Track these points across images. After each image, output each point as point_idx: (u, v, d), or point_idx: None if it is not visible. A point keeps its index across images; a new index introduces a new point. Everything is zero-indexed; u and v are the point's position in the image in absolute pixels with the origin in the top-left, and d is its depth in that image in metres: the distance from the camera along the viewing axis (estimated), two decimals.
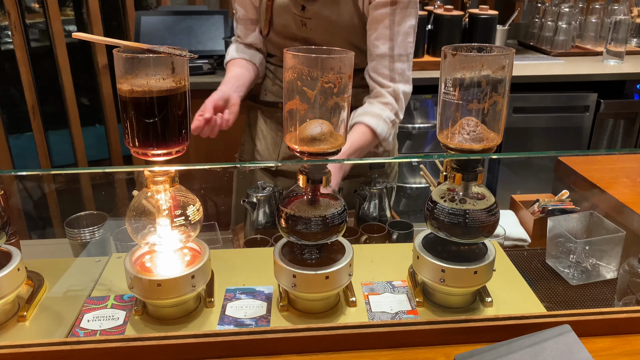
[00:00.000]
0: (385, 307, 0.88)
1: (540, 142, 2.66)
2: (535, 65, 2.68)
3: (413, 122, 2.54)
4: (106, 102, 3.01)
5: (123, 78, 0.73)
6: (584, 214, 1.20)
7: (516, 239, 1.28)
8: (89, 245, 1.12)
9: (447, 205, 0.81)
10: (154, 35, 2.65)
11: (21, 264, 0.84)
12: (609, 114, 2.63)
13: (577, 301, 1.05)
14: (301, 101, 0.75)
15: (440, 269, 0.83)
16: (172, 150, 0.77)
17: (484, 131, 0.78)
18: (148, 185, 0.79)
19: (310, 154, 0.77)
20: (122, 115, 0.75)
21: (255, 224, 1.24)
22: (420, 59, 2.59)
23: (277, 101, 1.51)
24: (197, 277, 0.82)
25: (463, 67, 0.75)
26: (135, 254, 0.86)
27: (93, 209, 1.23)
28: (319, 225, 0.79)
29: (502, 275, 0.96)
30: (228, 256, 1.05)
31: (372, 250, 1.06)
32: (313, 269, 0.81)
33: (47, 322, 0.85)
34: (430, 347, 0.76)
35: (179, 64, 0.74)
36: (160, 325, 0.84)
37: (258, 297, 0.91)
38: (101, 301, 0.89)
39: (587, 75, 2.53)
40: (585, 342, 0.73)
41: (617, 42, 2.69)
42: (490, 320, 0.77)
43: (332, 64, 0.73)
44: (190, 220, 0.82)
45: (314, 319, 0.86)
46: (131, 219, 0.81)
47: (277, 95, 1.52)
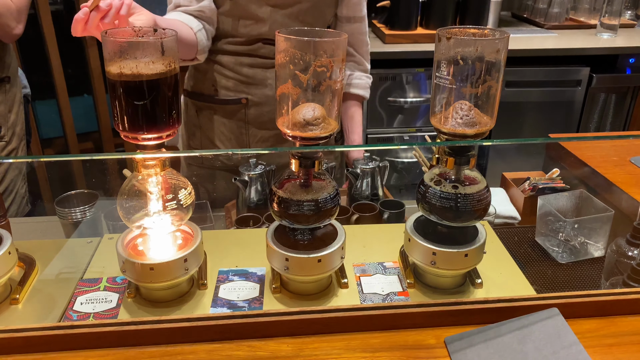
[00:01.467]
0: (376, 289, 0.89)
1: (532, 116, 2.67)
2: (528, 39, 2.65)
3: (405, 97, 2.52)
4: (94, 73, 2.96)
5: (112, 61, 0.71)
6: (573, 192, 1.21)
7: (506, 217, 1.29)
8: (81, 225, 1.12)
9: (439, 189, 0.81)
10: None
11: (12, 247, 0.84)
12: (601, 88, 2.63)
13: (565, 281, 1.06)
14: (293, 85, 0.74)
15: (431, 251, 0.84)
16: (163, 134, 0.76)
17: (477, 115, 0.78)
18: (139, 169, 0.78)
19: (302, 138, 0.76)
20: (112, 98, 0.74)
21: (247, 201, 1.24)
22: (413, 32, 2.56)
23: (239, 97, 1.39)
24: (189, 261, 0.83)
25: (457, 51, 0.74)
26: (127, 237, 0.86)
27: (84, 187, 1.22)
28: (311, 209, 0.79)
29: (492, 256, 0.97)
30: (220, 237, 1.05)
31: (364, 231, 1.07)
32: (305, 252, 0.81)
33: (40, 305, 0.85)
34: (420, 329, 0.78)
35: (169, 47, 0.73)
36: (154, 307, 0.85)
37: (251, 279, 0.91)
38: (94, 283, 0.90)
39: (580, 49, 2.51)
40: (572, 324, 0.75)
41: (611, 14, 2.67)
42: (480, 302, 0.78)
43: (325, 47, 0.72)
44: (182, 203, 0.82)
45: (306, 300, 0.86)
46: (122, 203, 0.81)
47: (236, 90, 1.39)
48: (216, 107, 1.43)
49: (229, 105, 1.41)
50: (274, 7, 1.30)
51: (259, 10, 1.29)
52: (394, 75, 2.47)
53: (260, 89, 1.39)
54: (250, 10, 1.29)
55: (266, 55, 1.36)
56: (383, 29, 2.59)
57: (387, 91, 2.51)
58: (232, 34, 1.34)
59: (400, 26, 2.55)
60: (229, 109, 1.42)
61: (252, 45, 1.35)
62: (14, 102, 1.52)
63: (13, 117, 1.52)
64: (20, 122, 1.56)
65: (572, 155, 1.38)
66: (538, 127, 2.70)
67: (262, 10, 1.29)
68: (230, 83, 1.39)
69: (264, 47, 1.35)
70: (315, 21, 1.36)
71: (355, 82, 1.51)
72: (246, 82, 1.38)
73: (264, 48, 1.35)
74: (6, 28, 1.38)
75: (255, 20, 1.30)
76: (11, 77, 1.51)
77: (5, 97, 1.49)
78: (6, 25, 1.37)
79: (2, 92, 1.48)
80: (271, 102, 1.40)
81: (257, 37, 1.33)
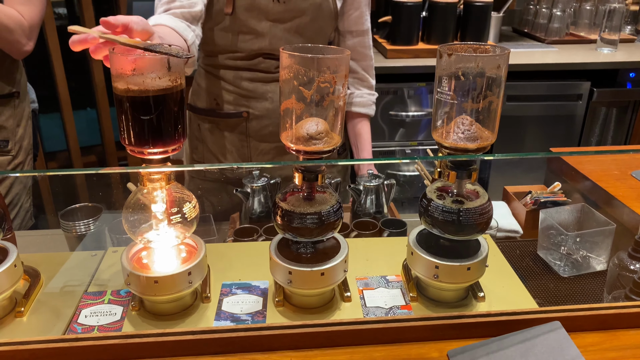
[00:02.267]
0: (379, 302, 0.90)
1: (533, 130, 2.68)
2: (529, 53, 2.68)
3: (407, 110, 2.54)
4: (98, 87, 2.99)
5: (118, 77, 0.72)
6: (575, 206, 1.22)
7: (508, 231, 1.30)
8: (85, 238, 1.13)
9: (441, 203, 0.82)
10: None
11: (18, 260, 0.84)
12: (602, 102, 2.64)
13: (567, 295, 1.06)
14: (297, 100, 0.75)
15: (434, 265, 0.84)
16: (169, 149, 0.77)
17: (479, 130, 0.79)
18: (144, 183, 0.79)
19: (306, 152, 0.77)
20: (118, 113, 0.75)
21: (249, 213, 1.24)
22: (415, 47, 2.58)
23: (240, 111, 1.40)
24: (193, 274, 0.83)
25: (458, 67, 0.75)
26: (131, 250, 0.87)
27: (88, 200, 1.23)
28: (314, 222, 0.80)
29: (494, 270, 0.97)
30: (224, 250, 1.06)
31: (367, 245, 1.07)
32: (309, 265, 0.82)
33: (44, 318, 0.85)
34: (423, 343, 0.78)
35: (175, 63, 0.74)
36: (158, 320, 0.85)
37: (254, 292, 0.92)
38: (98, 296, 0.90)
39: (580, 64, 2.53)
40: (574, 338, 0.75)
41: (611, 29, 2.69)
42: (483, 316, 0.79)
43: (329, 64, 0.73)
44: (187, 217, 0.82)
45: (309, 314, 0.87)
46: (127, 216, 0.82)
47: (237, 103, 1.40)
48: (218, 121, 1.44)
49: (230, 118, 1.42)
50: (273, 22, 1.31)
51: (259, 25, 1.30)
52: (396, 90, 2.49)
53: (260, 103, 1.40)
54: (249, 25, 1.30)
55: (266, 69, 1.37)
56: (385, 44, 2.61)
57: (388, 105, 2.52)
58: (232, 49, 1.35)
59: (401, 41, 2.58)
60: (230, 123, 1.43)
61: (252, 60, 1.36)
62: (22, 116, 1.54)
63: (21, 132, 1.53)
64: (27, 136, 1.57)
65: (573, 169, 1.39)
66: (539, 141, 2.71)
67: (262, 25, 1.31)
68: (231, 97, 1.40)
69: (264, 62, 1.36)
70: (316, 35, 1.37)
71: (356, 100, 1.51)
72: (247, 95, 1.40)
73: (265, 62, 1.36)
74: (17, 45, 1.39)
75: (255, 35, 1.31)
76: (21, 92, 1.53)
77: (14, 112, 1.50)
78: (17, 42, 1.38)
79: (12, 106, 1.50)
80: (272, 116, 1.41)
81: (258, 51, 1.34)
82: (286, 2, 1.29)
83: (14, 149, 1.51)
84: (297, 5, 1.29)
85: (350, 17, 1.40)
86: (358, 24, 1.42)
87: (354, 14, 1.40)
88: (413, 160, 2.60)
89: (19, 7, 1.37)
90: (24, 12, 1.38)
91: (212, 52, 1.38)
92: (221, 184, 1.50)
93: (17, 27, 1.36)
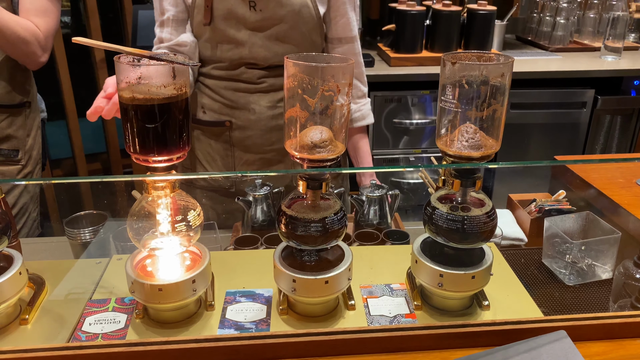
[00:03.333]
0: (383, 311, 0.89)
1: (538, 137, 2.68)
2: (533, 61, 2.68)
3: (410, 118, 2.54)
4: None
5: (124, 85, 0.73)
6: (580, 214, 1.21)
7: (513, 239, 1.29)
8: (90, 246, 1.13)
9: (446, 211, 0.82)
10: (151, 29, 2.63)
11: (23, 268, 0.85)
12: (606, 110, 2.64)
13: (573, 303, 1.06)
14: (301, 108, 0.76)
15: (438, 273, 0.84)
16: (173, 157, 0.77)
17: (483, 138, 0.79)
18: (149, 190, 0.80)
19: (310, 160, 0.77)
20: (123, 121, 0.76)
21: (251, 222, 1.24)
22: (419, 55, 2.59)
23: (223, 120, 1.41)
24: (197, 282, 0.83)
25: (462, 75, 0.76)
26: (136, 258, 0.87)
27: (93, 208, 1.24)
28: (318, 230, 0.80)
29: (499, 278, 0.97)
30: (228, 258, 1.06)
31: (371, 253, 1.07)
32: (313, 273, 0.82)
33: (49, 325, 0.85)
34: (428, 352, 0.77)
35: (180, 71, 0.74)
36: (162, 328, 0.85)
37: (258, 300, 0.91)
38: (102, 304, 0.90)
39: (584, 71, 2.53)
40: (580, 347, 0.74)
41: (615, 37, 2.70)
42: (487, 325, 0.78)
43: (333, 72, 0.74)
44: (191, 225, 0.82)
45: (313, 322, 0.87)
46: (132, 224, 0.82)
47: (221, 112, 1.42)
48: (203, 128, 1.46)
49: (214, 127, 1.44)
50: (252, 30, 1.31)
51: (238, 35, 1.31)
52: (400, 97, 2.50)
53: (243, 113, 1.40)
54: (228, 34, 1.31)
55: (249, 80, 1.37)
56: (388, 52, 2.62)
57: (392, 113, 2.53)
58: (215, 59, 1.36)
59: (405, 49, 2.59)
60: (215, 131, 1.44)
61: (235, 70, 1.36)
62: (32, 126, 1.56)
63: (30, 142, 1.55)
64: (37, 146, 1.58)
65: (578, 177, 1.39)
66: (544, 148, 2.70)
67: (241, 34, 1.31)
68: (216, 105, 1.42)
69: (247, 72, 1.36)
70: (301, 42, 1.35)
71: (355, 116, 1.49)
72: (230, 105, 1.40)
73: (247, 73, 1.36)
74: (33, 56, 1.41)
75: (235, 44, 1.32)
76: (32, 102, 1.54)
77: (24, 122, 1.52)
78: (33, 53, 1.40)
79: (23, 116, 1.51)
80: (254, 127, 1.40)
81: (239, 61, 1.35)
82: (263, 10, 1.28)
83: (23, 158, 1.52)
84: (274, 12, 1.29)
85: (338, 24, 1.39)
86: (346, 30, 1.40)
87: (341, 21, 1.38)
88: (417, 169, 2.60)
89: (34, 18, 1.39)
90: (40, 24, 1.40)
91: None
92: (224, 192, 1.50)
93: (33, 38, 1.37)
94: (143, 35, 2.63)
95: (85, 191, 1.76)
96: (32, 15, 1.38)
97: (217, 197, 1.50)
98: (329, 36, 1.42)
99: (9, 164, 1.49)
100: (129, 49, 0.75)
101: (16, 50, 1.38)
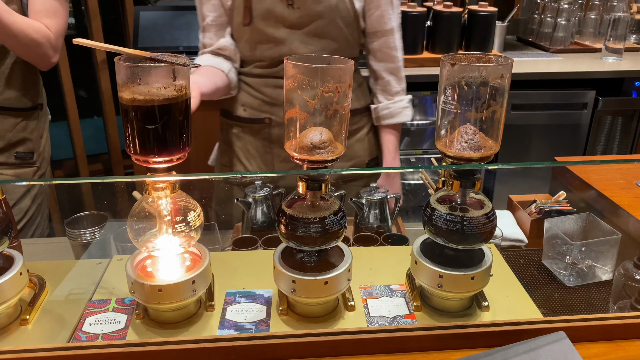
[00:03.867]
0: (383, 311, 0.89)
1: (539, 139, 2.67)
2: (534, 62, 2.68)
3: (411, 119, 2.54)
4: (105, 95, 3.01)
5: (124, 86, 0.73)
6: (580, 215, 1.21)
7: (513, 240, 1.30)
8: (90, 246, 1.13)
9: (445, 212, 0.82)
10: (152, 31, 2.64)
11: (23, 268, 0.85)
12: (607, 111, 2.64)
13: (572, 304, 1.06)
14: (301, 110, 0.76)
15: (437, 274, 0.84)
16: (174, 158, 0.77)
17: (482, 139, 0.79)
18: (149, 191, 0.80)
19: (310, 161, 0.78)
20: (124, 122, 0.76)
21: (251, 223, 1.24)
22: (419, 56, 2.59)
23: (262, 117, 1.44)
24: (197, 282, 0.83)
25: (462, 77, 0.76)
26: (136, 259, 0.87)
27: (94, 208, 1.24)
28: (318, 231, 0.80)
29: (499, 279, 0.97)
30: (228, 258, 1.06)
31: (371, 254, 1.07)
32: (312, 274, 0.82)
33: (49, 326, 0.86)
34: (427, 353, 0.78)
35: (181, 72, 0.75)
36: (162, 329, 0.85)
37: (258, 301, 0.92)
38: (102, 304, 0.90)
39: (585, 72, 2.53)
40: (579, 348, 0.75)
41: (616, 38, 2.70)
42: (487, 326, 0.78)
43: (332, 74, 0.74)
44: (191, 225, 0.83)
45: (312, 322, 0.87)
46: (132, 225, 0.82)
47: (261, 110, 1.44)
48: (243, 126, 1.48)
49: (254, 124, 1.45)
50: (290, 28, 1.32)
51: (277, 33, 1.33)
52: None
53: (283, 110, 1.41)
54: (268, 33, 1.33)
55: None
56: None
57: None
58: (255, 58, 1.39)
59: (406, 50, 2.56)
60: (255, 128, 1.46)
61: (276, 67, 1.39)
62: (44, 128, 1.58)
63: (43, 143, 1.57)
64: (48, 146, 1.61)
65: (578, 178, 1.39)
66: (544, 149, 2.70)
67: (280, 32, 1.33)
68: (256, 103, 1.44)
69: None
70: (339, 38, 1.36)
71: (383, 113, 1.50)
72: (270, 102, 1.42)
73: None
74: (45, 57, 1.42)
75: (275, 43, 1.34)
76: (42, 104, 1.56)
77: (38, 124, 1.53)
78: (45, 54, 1.41)
79: (36, 118, 1.53)
80: None
81: (279, 59, 1.37)
82: (300, 7, 1.30)
83: (38, 160, 1.54)
84: (311, 9, 1.30)
85: (372, 17, 1.38)
86: (381, 23, 1.39)
87: (375, 13, 1.38)
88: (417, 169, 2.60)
89: (45, 20, 1.40)
90: (50, 25, 1.41)
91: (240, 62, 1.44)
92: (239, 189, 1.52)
93: (45, 40, 1.39)
94: (144, 36, 2.64)
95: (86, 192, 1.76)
96: (43, 17, 1.40)
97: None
98: (366, 30, 1.42)
99: (25, 167, 1.51)
100: (129, 50, 0.75)
101: (30, 52, 1.40)
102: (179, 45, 2.61)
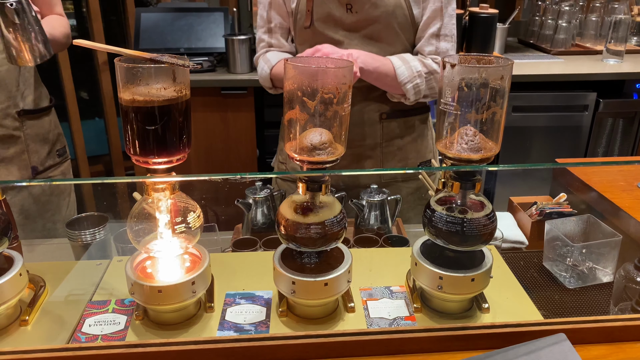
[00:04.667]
0: (383, 313, 0.89)
1: (540, 140, 2.67)
2: (535, 64, 2.68)
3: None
4: (106, 98, 3.01)
5: (125, 87, 0.73)
6: (581, 217, 1.21)
7: (514, 242, 1.29)
8: (90, 247, 1.13)
9: (445, 213, 0.82)
10: (153, 32, 2.65)
11: (23, 269, 0.85)
12: (608, 113, 2.64)
13: (573, 306, 1.06)
14: (301, 111, 0.76)
15: (438, 276, 0.84)
16: (173, 159, 0.77)
17: (482, 141, 0.79)
18: (149, 192, 0.80)
19: (310, 162, 0.78)
20: (124, 123, 0.76)
21: (251, 224, 1.24)
22: None
23: None
24: (197, 283, 0.83)
25: (462, 78, 0.76)
26: (136, 260, 0.87)
27: (94, 209, 1.24)
28: (317, 232, 0.80)
29: (499, 281, 0.97)
30: (227, 259, 1.06)
31: (370, 255, 1.07)
32: (312, 275, 0.82)
33: (49, 327, 0.86)
34: (427, 354, 0.77)
35: (181, 73, 0.75)
36: (161, 330, 0.85)
37: (257, 302, 0.92)
38: (102, 305, 0.90)
39: (586, 74, 2.53)
40: (580, 350, 0.74)
41: (617, 40, 2.70)
42: (487, 327, 0.78)
43: (332, 75, 0.74)
44: (191, 227, 0.83)
45: (312, 324, 0.87)
46: (132, 226, 0.82)
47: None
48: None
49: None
50: (348, 31, 1.36)
51: (335, 35, 1.36)
52: None
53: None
54: (327, 35, 1.36)
55: None
56: None
57: None
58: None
59: None
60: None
61: None
62: None
63: None
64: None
65: (579, 180, 1.38)
66: (545, 151, 2.70)
67: (338, 35, 1.36)
68: None
69: None
70: (394, 42, 1.38)
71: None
72: None
73: None
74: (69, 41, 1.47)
75: (333, 44, 1.35)
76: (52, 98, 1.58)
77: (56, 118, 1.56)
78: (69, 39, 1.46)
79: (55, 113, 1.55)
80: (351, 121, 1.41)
81: None
82: (358, 12, 1.33)
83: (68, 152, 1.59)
84: (369, 14, 1.33)
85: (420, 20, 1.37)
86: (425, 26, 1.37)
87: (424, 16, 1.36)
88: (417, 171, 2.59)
89: (56, 8, 1.45)
90: (61, 12, 1.47)
91: None
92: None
93: (69, 28, 1.45)
94: (145, 37, 2.64)
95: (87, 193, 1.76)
96: (54, 5, 1.44)
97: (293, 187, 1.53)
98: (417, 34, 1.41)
99: (64, 162, 1.55)
100: (129, 51, 0.75)
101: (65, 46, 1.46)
102: (180, 47, 2.61)
